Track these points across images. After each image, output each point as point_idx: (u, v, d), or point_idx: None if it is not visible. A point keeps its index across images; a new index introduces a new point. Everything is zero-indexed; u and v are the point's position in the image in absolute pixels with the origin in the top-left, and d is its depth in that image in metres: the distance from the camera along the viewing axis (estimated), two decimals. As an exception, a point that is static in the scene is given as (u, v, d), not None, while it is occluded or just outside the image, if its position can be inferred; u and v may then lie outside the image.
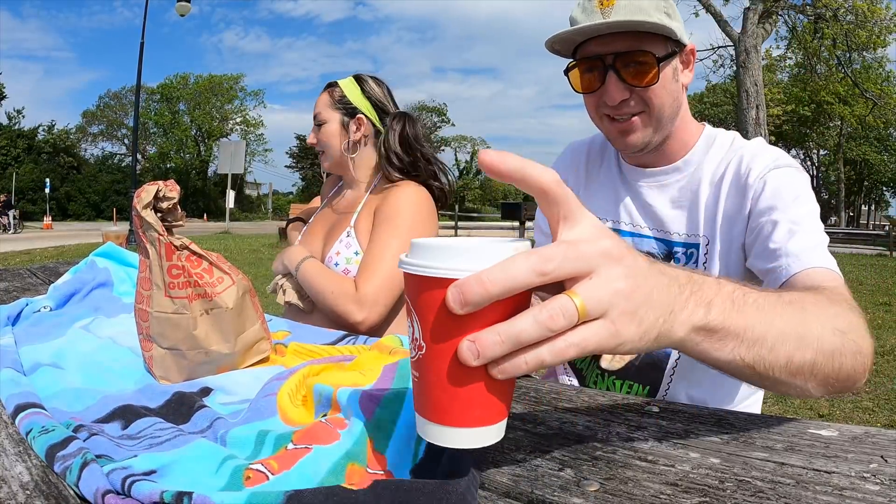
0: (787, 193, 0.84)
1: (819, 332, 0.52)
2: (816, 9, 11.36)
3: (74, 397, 0.65)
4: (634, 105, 0.88)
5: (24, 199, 33.73)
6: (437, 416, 0.40)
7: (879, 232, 22.91)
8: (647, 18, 0.82)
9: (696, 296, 0.44)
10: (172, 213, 0.74)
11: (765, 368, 0.49)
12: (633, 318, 0.39)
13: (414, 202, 1.32)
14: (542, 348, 0.37)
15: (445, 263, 0.37)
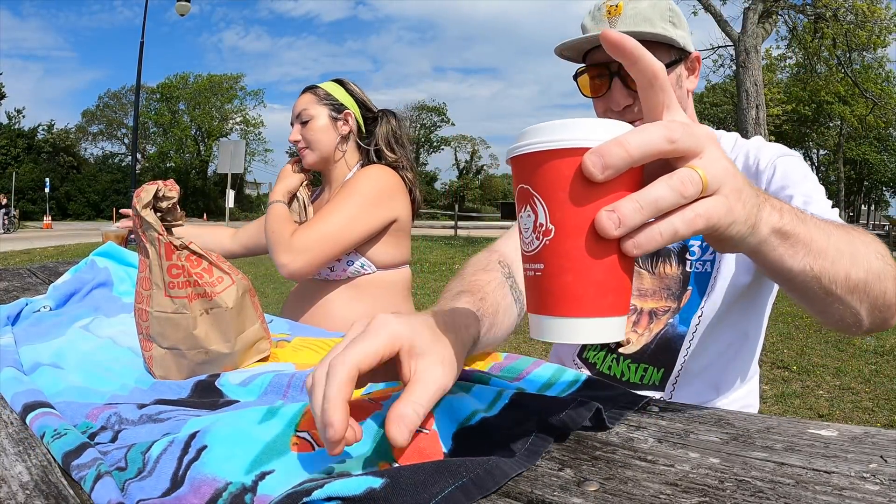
0: (795, 174, 0.89)
1: (865, 253, 0.57)
2: (816, 9, 11.36)
3: (78, 395, 0.65)
4: (638, 111, 0.91)
5: (24, 198, 33.73)
6: (567, 308, 0.38)
7: (879, 232, 22.93)
8: (650, 29, 0.87)
9: (769, 201, 0.47)
10: (172, 213, 0.74)
11: (829, 281, 0.53)
12: (739, 195, 0.41)
13: (376, 177, 1.34)
14: (674, 217, 0.38)
15: (573, 135, 0.37)
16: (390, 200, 1.33)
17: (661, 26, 0.89)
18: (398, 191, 1.36)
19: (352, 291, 1.37)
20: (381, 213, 1.32)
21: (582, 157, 0.36)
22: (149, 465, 0.43)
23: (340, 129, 1.43)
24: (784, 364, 4.03)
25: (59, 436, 0.50)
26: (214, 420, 0.47)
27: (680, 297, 0.97)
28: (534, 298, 0.40)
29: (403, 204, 1.38)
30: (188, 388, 0.67)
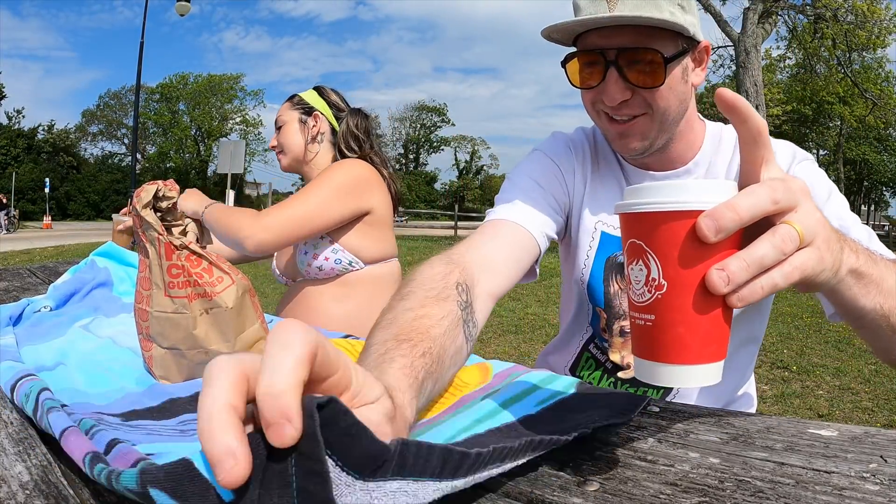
0: (820, 190, 0.83)
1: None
2: (816, 9, 11.36)
3: (76, 395, 0.65)
4: (636, 106, 0.80)
5: (24, 198, 33.72)
6: (676, 356, 0.42)
7: (879, 232, 22.92)
8: (655, 13, 0.74)
9: (847, 243, 0.50)
10: (172, 213, 0.74)
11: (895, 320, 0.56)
12: (829, 245, 0.45)
13: (347, 168, 1.37)
14: (774, 272, 0.41)
15: (687, 198, 0.40)
16: (361, 192, 1.35)
17: (669, 10, 0.75)
18: (371, 183, 1.38)
19: (342, 289, 1.39)
20: (350, 203, 1.34)
21: (696, 220, 0.40)
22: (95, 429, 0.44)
23: (310, 130, 1.50)
24: (784, 364, 4.03)
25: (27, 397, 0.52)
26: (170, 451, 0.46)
27: None
28: (643, 346, 0.44)
29: (379, 197, 1.39)
30: (179, 394, 0.67)
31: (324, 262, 1.37)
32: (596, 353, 0.98)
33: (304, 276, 1.43)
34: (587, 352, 1.00)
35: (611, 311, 0.95)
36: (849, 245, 0.50)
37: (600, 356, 0.98)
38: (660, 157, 0.89)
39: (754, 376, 1.06)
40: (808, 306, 6.38)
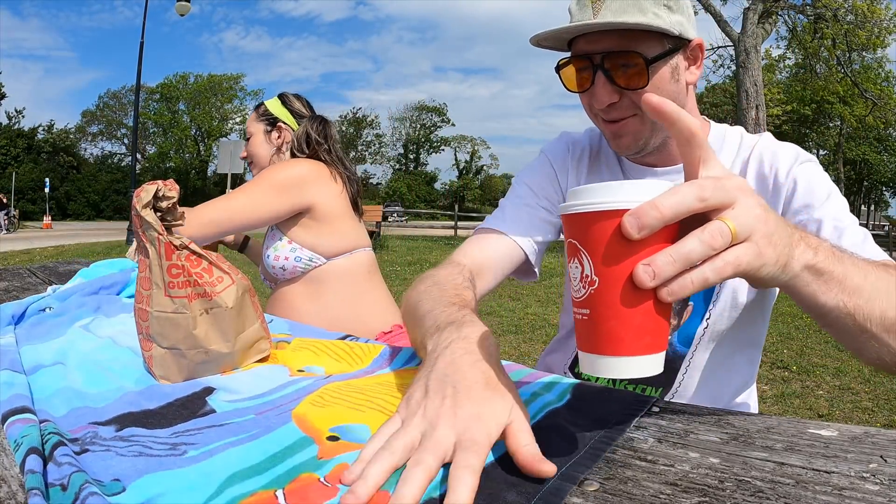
0: (819, 190, 0.82)
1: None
2: (816, 9, 11.36)
3: (74, 396, 0.65)
4: (625, 108, 0.82)
5: (24, 198, 33.72)
6: (611, 348, 0.44)
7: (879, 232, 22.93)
8: (639, 16, 0.76)
9: (804, 239, 0.50)
10: (172, 213, 0.74)
11: (863, 318, 0.54)
12: (770, 240, 0.45)
13: (285, 166, 1.42)
14: (705, 266, 0.42)
15: (615, 198, 0.42)
16: (298, 188, 1.38)
17: (653, 12, 0.76)
18: (310, 180, 1.41)
19: (313, 286, 1.43)
20: (285, 199, 1.37)
21: (621, 218, 0.42)
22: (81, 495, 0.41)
23: (275, 142, 1.57)
24: (784, 364, 4.03)
25: (18, 446, 0.49)
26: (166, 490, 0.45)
27: (681, 314, 0.93)
28: (583, 338, 0.46)
29: (323, 193, 1.41)
30: (177, 394, 0.66)
31: (284, 261, 1.41)
32: None
33: (275, 277, 1.47)
34: None
35: None
36: (807, 242, 0.50)
37: None
38: (660, 154, 0.90)
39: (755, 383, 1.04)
40: (808, 306, 6.39)
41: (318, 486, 0.46)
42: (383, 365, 0.79)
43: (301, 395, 0.65)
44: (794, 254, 0.48)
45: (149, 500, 0.43)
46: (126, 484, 0.46)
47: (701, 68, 0.86)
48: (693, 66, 0.85)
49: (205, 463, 0.49)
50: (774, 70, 23.57)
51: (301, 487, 0.45)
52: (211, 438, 0.54)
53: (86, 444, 0.53)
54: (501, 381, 0.49)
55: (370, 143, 54.48)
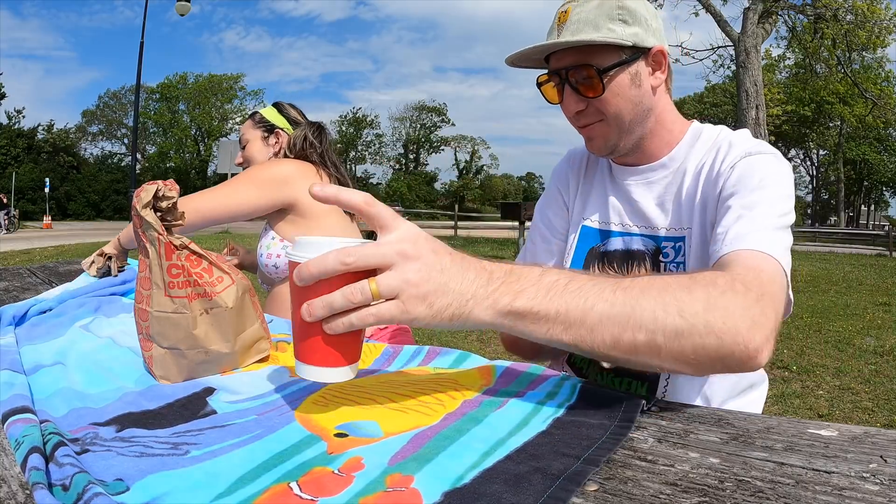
0: (751, 179, 0.83)
1: (659, 314, 0.56)
2: (816, 9, 11.35)
3: (74, 396, 0.65)
4: (592, 114, 0.91)
5: (24, 198, 33.72)
6: (299, 355, 0.57)
7: (879, 232, 22.91)
8: (593, 33, 0.85)
9: (506, 286, 0.56)
10: (172, 213, 0.74)
11: (589, 347, 0.57)
12: (422, 301, 0.53)
13: (269, 164, 1.47)
14: (352, 314, 0.52)
15: (298, 252, 0.55)
16: (281, 184, 1.43)
17: (608, 27, 0.85)
18: (295, 177, 1.44)
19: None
20: (269, 194, 1.42)
21: None
22: (85, 496, 0.41)
23: (272, 148, 1.61)
24: (784, 364, 4.03)
25: (18, 445, 0.49)
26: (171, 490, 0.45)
27: None
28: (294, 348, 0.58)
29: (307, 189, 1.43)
30: (177, 395, 0.66)
31: (277, 259, 1.44)
32: None
33: (269, 276, 1.49)
34: None
35: None
36: (507, 288, 0.56)
37: None
38: (637, 154, 0.97)
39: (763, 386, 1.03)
40: (808, 306, 6.39)
41: (332, 476, 0.46)
42: (384, 365, 0.79)
43: (302, 396, 0.65)
44: (482, 304, 0.55)
45: (154, 499, 0.43)
46: (130, 483, 0.46)
47: (666, 72, 0.92)
48: (658, 70, 0.91)
49: (209, 463, 0.49)
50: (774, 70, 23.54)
51: (315, 479, 0.46)
52: (213, 439, 0.54)
53: (86, 444, 0.53)
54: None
55: (370, 143, 54.51)
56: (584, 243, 1.03)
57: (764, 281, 0.65)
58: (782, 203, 0.80)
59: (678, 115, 0.98)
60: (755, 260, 0.70)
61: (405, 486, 0.44)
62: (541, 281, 0.57)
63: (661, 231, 0.95)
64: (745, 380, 0.98)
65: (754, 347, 0.58)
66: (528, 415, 0.59)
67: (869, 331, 5.19)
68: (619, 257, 0.98)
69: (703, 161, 0.92)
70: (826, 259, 13.47)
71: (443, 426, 0.56)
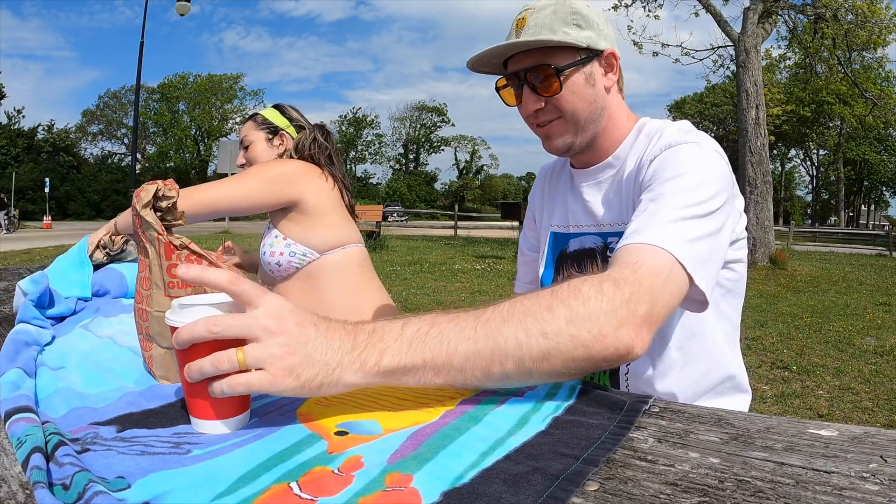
0: (664, 171, 0.84)
1: (522, 340, 0.59)
2: (816, 9, 11.35)
3: (74, 396, 0.65)
4: (549, 112, 0.95)
5: (24, 198, 33.72)
6: (189, 410, 0.58)
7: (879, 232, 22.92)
8: (549, 36, 0.89)
9: (371, 346, 0.58)
10: (172, 213, 0.74)
11: (463, 383, 0.60)
12: (289, 373, 0.54)
13: (274, 163, 1.48)
14: (224, 380, 0.54)
15: (173, 316, 0.58)
16: (287, 182, 1.44)
17: (563, 31, 0.90)
18: (297, 176, 1.45)
19: (308, 282, 1.47)
20: (274, 191, 1.43)
21: None
22: (86, 496, 0.41)
23: (277, 149, 1.62)
24: (784, 364, 4.03)
25: (21, 443, 0.49)
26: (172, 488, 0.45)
27: None
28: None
29: (312, 188, 1.46)
30: (178, 395, 0.66)
31: (280, 257, 1.45)
32: None
33: (271, 274, 1.50)
34: None
35: None
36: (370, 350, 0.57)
37: None
38: (590, 153, 1.01)
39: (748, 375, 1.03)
40: (808, 306, 6.39)
41: (332, 476, 0.46)
42: None
43: (293, 402, 0.65)
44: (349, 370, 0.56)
45: (155, 497, 0.43)
46: (131, 481, 0.46)
47: (617, 73, 0.97)
48: (609, 72, 0.96)
49: (210, 462, 0.49)
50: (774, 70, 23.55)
51: (315, 478, 0.46)
52: (215, 439, 0.54)
53: (87, 443, 0.53)
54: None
55: (370, 143, 54.51)
56: (554, 248, 1.09)
57: (641, 275, 0.66)
58: (695, 192, 0.79)
59: (629, 113, 1.02)
60: (639, 255, 0.70)
61: (404, 486, 0.44)
62: (402, 335, 0.58)
63: (607, 227, 1.00)
64: (708, 378, 0.97)
65: (625, 345, 0.62)
66: (527, 414, 0.59)
67: (869, 331, 5.19)
68: (577, 257, 1.03)
69: (639, 155, 0.95)
70: (826, 259, 13.47)
71: (442, 423, 0.56)
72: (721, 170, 0.85)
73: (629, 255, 0.71)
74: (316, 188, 1.47)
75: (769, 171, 10.45)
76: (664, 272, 0.68)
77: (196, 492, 0.44)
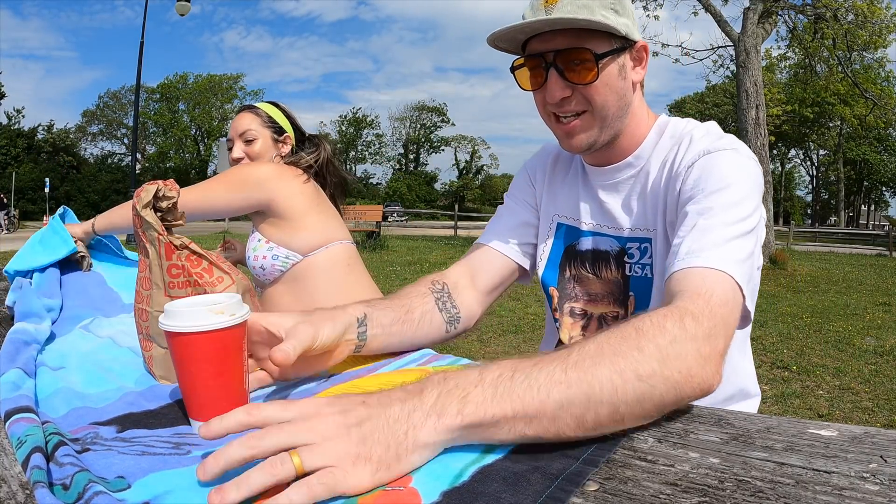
0: (708, 181, 0.80)
1: (617, 383, 0.52)
2: (816, 9, 11.35)
3: (74, 396, 0.65)
4: (576, 104, 0.86)
5: (24, 198, 33.72)
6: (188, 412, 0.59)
7: (879, 232, 22.90)
8: (587, 16, 0.80)
9: (447, 397, 0.49)
10: (172, 213, 0.74)
11: (555, 435, 0.51)
12: (357, 459, 0.45)
13: (242, 167, 1.48)
14: (291, 489, 0.43)
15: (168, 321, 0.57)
16: (255, 186, 1.42)
17: (601, 13, 0.81)
18: (270, 178, 1.43)
19: (295, 284, 1.46)
20: (243, 195, 1.42)
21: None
22: (86, 496, 0.41)
23: (280, 151, 1.61)
24: (784, 364, 4.03)
25: (21, 444, 0.49)
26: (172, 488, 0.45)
27: (626, 303, 0.94)
28: None
29: (283, 189, 1.44)
30: (178, 395, 0.66)
31: (263, 261, 1.44)
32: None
33: (259, 279, 1.49)
34: (561, 343, 1.03)
35: (563, 292, 1.01)
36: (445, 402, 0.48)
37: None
38: (608, 152, 0.94)
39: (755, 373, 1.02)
40: (808, 306, 6.39)
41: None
42: (384, 365, 0.79)
43: (304, 395, 0.65)
44: (424, 430, 0.47)
45: (155, 497, 0.43)
46: (131, 481, 0.46)
47: (646, 69, 0.90)
48: (638, 66, 0.89)
49: None
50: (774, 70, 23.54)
51: None
52: (215, 441, 0.54)
53: (87, 443, 0.53)
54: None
55: (370, 143, 54.51)
56: (560, 241, 1.03)
57: (714, 306, 0.63)
58: (741, 206, 0.77)
59: (648, 110, 0.96)
60: (706, 283, 0.67)
61: (404, 486, 0.44)
62: (483, 380, 0.51)
63: (626, 232, 0.94)
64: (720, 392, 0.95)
65: (708, 382, 0.58)
66: None
67: (869, 331, 5.19)
68: (590, 257, 0.98)
69: (665, 158, 0.90)
70: (826, 259, 13.47)
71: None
72: (757, 178, 0.82)
73: (697, 282, 0.68)
74: (288, 189, 1.44)
75: (769, 171, 10.45)
76: (730, 299, 0.66)
77: (196, 492, 0.44)
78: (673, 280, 0.71)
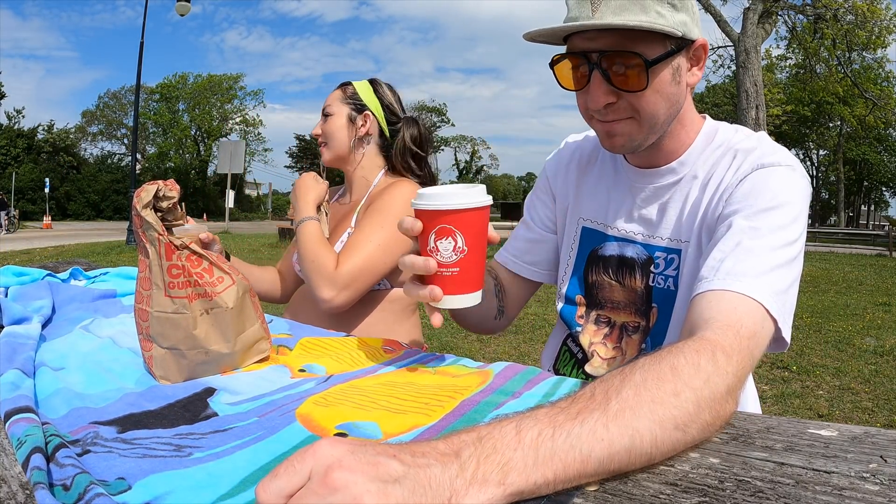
0: (760, 198, 0.75)
1: (658, 435, 0.50)
2: (816, 9, 11.36)
3: (74, 397, 0.65)
4: (622, 110, 0.79)
5: (24, 198, 33.73)
6: (474, 286, 0.72)
7: (879, 232, 22.91)
8: (640, 15, 0.72)
9: (486, 463, 0.44)
10: (172, 213, 0.74)
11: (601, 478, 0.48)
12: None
13: (407, 199, 1.30)
14: None
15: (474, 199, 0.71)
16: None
17: (656, 10, 0.73)
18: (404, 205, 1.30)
19: (362, 303, 1.32)
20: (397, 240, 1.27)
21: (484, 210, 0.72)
22: (86, 496, 0.41)
23: (358, 130, 1.41)
24: (784, 364, 4.03)
25: (21, 444, 0.49)
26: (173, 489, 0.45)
27: (647, 315, 0.90)
28: (453, 285, 0.70)
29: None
30: (178, 395, 0.66)
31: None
32: (572, 345, 1.00)
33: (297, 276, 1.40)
34: (565, 345, 1.02)
35: (590, 299, 0.97)
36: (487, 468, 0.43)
37: (574, 348, 0.99)
38: (651, 153, 0.88)
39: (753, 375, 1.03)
40: (807, 306, 6.38)
41: None
42: (384, 366, 0.79)
43: (304, 397, 0.65)
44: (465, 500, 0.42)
45: (155, 498, 0.44)
46: (131, 482, 0.46)
47: (703, 69, 0.82)
48: (695, 67, 0.81)
49: (211, 464, 0.49)
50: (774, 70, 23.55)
51: None
52: (216, 442, 0.54)
53: (87, 445, 0.53)
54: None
55: (370, 143, 54.43)
56: (586, 245, 0.98)
57: (743, 339, 0.62)
58: (790, 229, 0.73)
59: (695, 112, 0.89)
60: (737, 311, 0.65)
61: None
62: (522, 442, 0.46)
63: (657, 241, 0.89)
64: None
65: (729, 414, 0.57)
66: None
67: (869, 331, 5.19)
68: (613, 263, 0.93)
69: (712, 170, 0.84)
70: (826, 259, 13.47)
71: (442, 426, 0.56)
72: (808, 198, 0.78)
73: (729, 310, 0.65)
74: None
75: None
76: (758, 331, 0.64)
77: (197, 493, 0.44)
78: (705, 299, 0.68)
